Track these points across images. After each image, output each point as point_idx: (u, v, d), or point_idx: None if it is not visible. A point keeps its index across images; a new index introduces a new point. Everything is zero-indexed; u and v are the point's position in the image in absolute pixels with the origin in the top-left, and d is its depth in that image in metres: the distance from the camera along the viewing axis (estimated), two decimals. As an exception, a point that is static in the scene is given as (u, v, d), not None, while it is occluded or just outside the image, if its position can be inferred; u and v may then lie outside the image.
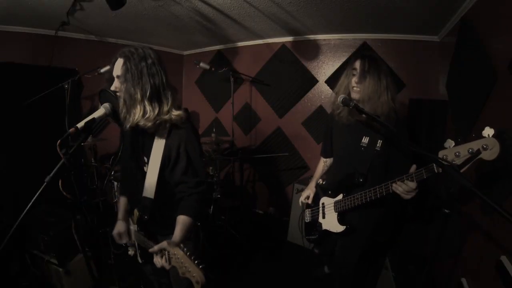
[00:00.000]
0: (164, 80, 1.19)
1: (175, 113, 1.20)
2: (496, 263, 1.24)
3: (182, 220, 1.22)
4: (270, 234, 3.26)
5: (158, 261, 1.15)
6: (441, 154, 1.08)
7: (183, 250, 1.05)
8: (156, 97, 1.17)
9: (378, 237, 2.72)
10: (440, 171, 1.12)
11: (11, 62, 2.77)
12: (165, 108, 1.19)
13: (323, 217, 1.72)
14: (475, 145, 0.99)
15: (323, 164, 1.92)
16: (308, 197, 1.82)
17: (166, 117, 1.19)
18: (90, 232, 2.66)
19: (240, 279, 2.46)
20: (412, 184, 1.24)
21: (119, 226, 1.47)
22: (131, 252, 1.51)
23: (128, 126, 1.16)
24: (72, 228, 2.06)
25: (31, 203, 0.86)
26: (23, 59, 2.87)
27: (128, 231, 1.48)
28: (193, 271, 1.01)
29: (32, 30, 2.91)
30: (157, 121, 1.18)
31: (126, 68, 1.14)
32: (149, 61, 1.17)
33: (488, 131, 0.96)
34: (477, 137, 0.98)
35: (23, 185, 2.61)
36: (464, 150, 1.01)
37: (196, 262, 1.02)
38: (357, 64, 1.48)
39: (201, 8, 2.41)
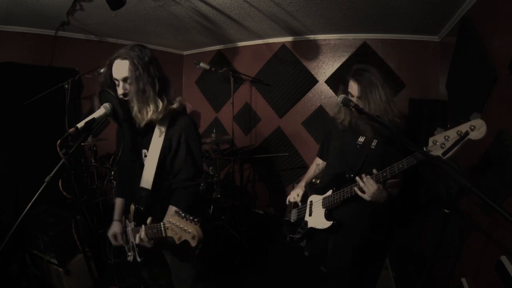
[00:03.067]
0: (162, 72, 1.25)
1: (175, 104, 1.27)
2: (496, 263, 1.24)
3: (173, 212, 1.23)
4: (270, 234, 3.26)
5: (137, 237, 1.23)
6: (431, 139, 1.12)
7: (178, 215, 1.05)
8: (163, 90, 1.23)
9: (377, 237, 2.74)
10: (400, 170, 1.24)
11: (11, 62, 2.77)
12: (171, 97, 1.25)
13: (310, 215, 1.69)
14: (463, 127, 1.03)
15: (315, 166, 1.91)
16: (298, 195, 1.79)
17: (173, 106, 1.24)
18: (90, 232, 2.66)
19: (240, 279, 2.46)
20: (371, 186, 1.33)
21: (115, 227, 1.47)
22: (130, 258, 1.50)
23: (143, 124, 1.19)
24: (72, 228, 2.06)
25: (31, 203, 0.86)
26: (23, 59, 2.86)
27: (125, 234, 1.47)
28: (188, 228, 1.00)
29: (32, 30, 2.91)
30: (165, 111, 1.22)
31: (135, 68, 1.16)
32: (147, 57, 1.21)
33: (475, 115, 1.00)
34: (465, 121, 1.02)
35: (23, 185, 2.63)
36: (453, 133, 1.05)
37: (190, 218, 1.01)
38: (351, 89, 1.49)
39: (201, 8, 2.41)
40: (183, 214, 1.03)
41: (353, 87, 1.49)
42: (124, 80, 1.18)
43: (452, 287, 1.71)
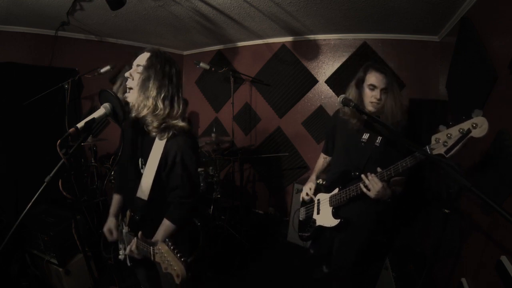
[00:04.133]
0: (180, 91, 1.24)
1: (181, 123, 1.22)
2: (496, 263, 1.24)
3: (166, 226, 1.26)
4: (270, 234, 3.26)
5: (128, 249, 1.22)
6: (434, 137, 1.12)
7: (167, 245, 1.05)
8: (169, 100, 1.20)
9: (379, 237, 2.74)
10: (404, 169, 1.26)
11: (11, 62, 2.77)
12: (175, 113, 1.21)
13: (318, 213, 1.72)
14: (465, 125, 1.04)
15: (323, 160, 1.92)
16: (310, 189, 1.80)
17: (174, 122, 1.20)
18: (90, 232, 2.66)
19: (240, 279, 2.46)
20: (376, 184, 1.34)
21: (110, 222, 1.48)
22: (121, 256, 1.50)
23: (133, 115, 1.17)
24: (72, 228, 2.06)
25: (31, 203, 0.86)
26: (23, 59, 2.86)
27: (120, 233, 1.48)
28: (174, 264, 1.01)
29: (32, 30, 2.91)
30: (163, 124, 1.19)
31: (151, 62, 1.16)
32: (173, 69, 1.21)
33: (477, 113, 1.00)
34: (467, 118, 1.03)
35: (23, 185, 2.63)
36: (455, 131, 1.06)
37: (178, 255, 1.01)
38: (375, 80, 1.48)
39: (201, 8, 2.41)
40: (172, 247, 1.04)
41: (378, 78, 1.48)
42: (138, 66, 1.19)
43: (452, 287, 1.71)
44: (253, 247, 2.89)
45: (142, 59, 1.19)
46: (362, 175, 1.41)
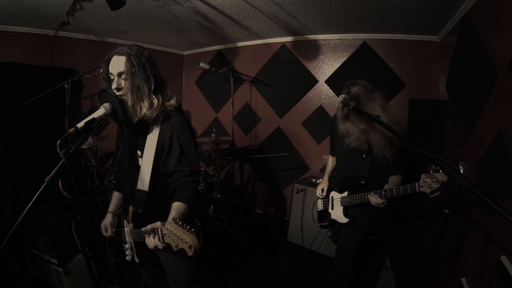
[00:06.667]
0: (161, 73, 1.27)
1: (169, 103, 1.27)
2: (496, 263, 1.24)
3: (176, 206, 1.19)
4: (270, 234, 3.26)
5: (151, 241, 1.12)
6: (423, 176, 1.33)
7: (175, 222, 1.02)
8: (159, 89, 1.23)
9: (377, 237, 2.74)
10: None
11: (11, 62, 2.77)
12: (166, 98, 1.26)
13: (332, 208, 1.96)
14: (441, 176, 1.26)
15: (332, 160, 2.11)
16: (323, 190, 2.02)
17: (167, 104, 1.25)
18: (90, 232, 2.66)
19: (240, 279, 2.46)
20: (377, 200, 1.61)
21: (107, 219, 1.50)
22: (128, 257, 1.50)
23: (135, 120, 1.19)
24: (72, 228, 2.06)
25: (31, 203, 0.86)
26: (23, 59, 2.86)
27: (123, 233, 1.48)
28: (185, 237, 0.97)
29: (32, 30, 2.91)
30: (160, 109, 1.23)
31: (131, 64, 1.16)
32: (145, 56, 1.22)
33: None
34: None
35: (23, 185, 2.63)
36: (440, 178, 1.25)
37: (187, 227, 0.98)
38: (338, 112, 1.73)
39: (201, 8, 2.41)
40: (180, 222, 1.01)
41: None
42: (119, 75, 1.18)
43: (452, 287, 1.71)
44: (253, 247, 2.89)
45: (120, 65, 1.17)
46: (368, 196, 1.66)
